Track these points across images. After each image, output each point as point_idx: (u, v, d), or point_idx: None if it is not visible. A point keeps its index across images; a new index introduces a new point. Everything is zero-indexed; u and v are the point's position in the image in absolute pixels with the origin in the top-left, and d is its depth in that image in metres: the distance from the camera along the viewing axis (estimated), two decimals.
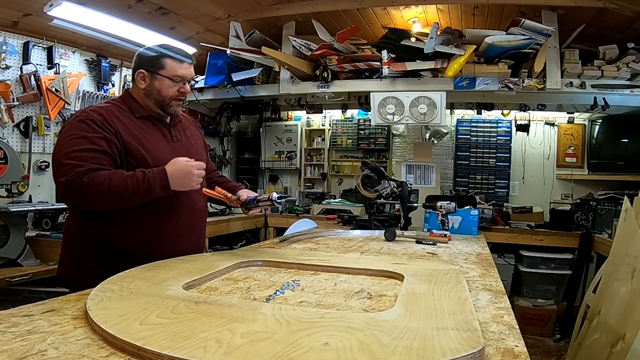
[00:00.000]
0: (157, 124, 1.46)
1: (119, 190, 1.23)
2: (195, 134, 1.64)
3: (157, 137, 1.43)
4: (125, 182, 1.24)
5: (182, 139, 1.52)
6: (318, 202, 4.41)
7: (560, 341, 3.23)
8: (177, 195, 1.37)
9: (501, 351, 0.73)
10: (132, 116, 1.40)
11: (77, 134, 1.27)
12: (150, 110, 1.44)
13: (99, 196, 1.23)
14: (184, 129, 1.56)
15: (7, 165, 2.44)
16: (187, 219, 1.47)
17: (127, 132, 1.35)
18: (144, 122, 1.42)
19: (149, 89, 1.41)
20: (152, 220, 1.37)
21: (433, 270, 1.26)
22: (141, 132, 1.39)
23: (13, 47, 2.81)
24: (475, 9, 3.24)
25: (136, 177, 1.26)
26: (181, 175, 1.31)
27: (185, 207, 1.45)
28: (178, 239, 1.42)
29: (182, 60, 1.43)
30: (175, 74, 1.41)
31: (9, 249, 2.36)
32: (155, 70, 1.40)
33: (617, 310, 1.90)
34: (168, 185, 1.29)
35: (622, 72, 2.96)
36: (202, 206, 1.57)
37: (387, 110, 3.27)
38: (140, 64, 1.42)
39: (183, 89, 1.43)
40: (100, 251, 1.33)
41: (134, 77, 1.44)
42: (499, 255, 3.43)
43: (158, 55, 1.40)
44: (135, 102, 1.44)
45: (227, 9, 3.33)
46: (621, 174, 3.59)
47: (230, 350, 0.64)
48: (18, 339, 0.70)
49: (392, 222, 2.77)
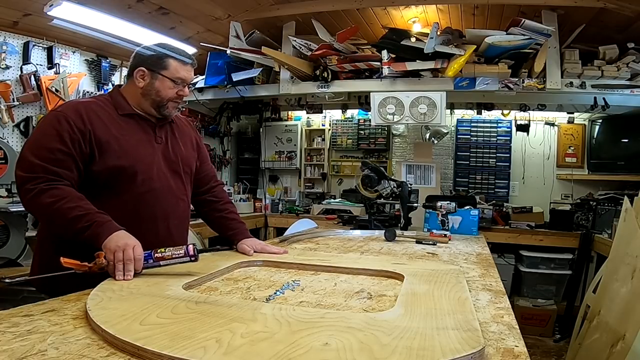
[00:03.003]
0: (142, 123, 1.38)
1: (55, 219, 1.17)
2: (188, 136, 1.54)
3: (139, 136, 1.36)
4: (65, 213, 1.15)
5: (168, 140, 1.44)
6: (318, 202, 4.41)
7: (560, 341, 3.23)
8: (152, 202, 1.33)
9: (501, 351, 0.73)
10: (115, 113, 1.33)
11: (48, 131, 1.22)
12: (143, 110, 1.38)
13: (39, 209, 1.19)
14: (175, 131, 1.48)
15: (7, 165, 2.44)
16: (162, 226, 1.39)
17: (104, 130, 1.27)
18: (126, 121, 1.35)
19: (148, 88, 1.35)
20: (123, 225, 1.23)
21: (433, 270, 1.26)
22: (120, 130, 1.31)
23: (13, 47, 2.81)
24: (475, 9, 3.24)
25: (80, 217, 1.15)
26: (117, 245, 1.11)
27: (160, 215, 1.38)
28: (151, 247, 1.24)
29: (186, 62, 1.38)
30: (178, 75, 1.36)
31: (9, 249, 2.36)
32: (157, 69, 1.35)
33: (617, 310, 1.90)
34: (97, 239, 1.14)
35: (622, 72, 2.96)
36: (180, 214, 1.46)
37: (387, 110, 3.27)
38: (141, 61, 1.36)
39: (182, 91, 1.39)
40: (66, 252, 1.17)
41: (130, 74, 1.38)
42: (499, 255, 3.43)
43: (162, 54, 1.35)
44: (123, 100, 1.37)
45: (227, 9, 3.33)
46: (621, 174, 3.59)
47: (230, 350, 0.64)
48: (18, 339, 0.70)
49: (392, 222, 2.77)
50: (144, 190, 1.33)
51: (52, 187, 1.17)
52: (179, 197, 1.44)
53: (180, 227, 1.46)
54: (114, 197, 1.29)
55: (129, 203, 1.31)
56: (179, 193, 1.45)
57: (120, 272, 1.07)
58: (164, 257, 1.13)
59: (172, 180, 1.42)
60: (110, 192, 1.29)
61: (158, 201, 1.36)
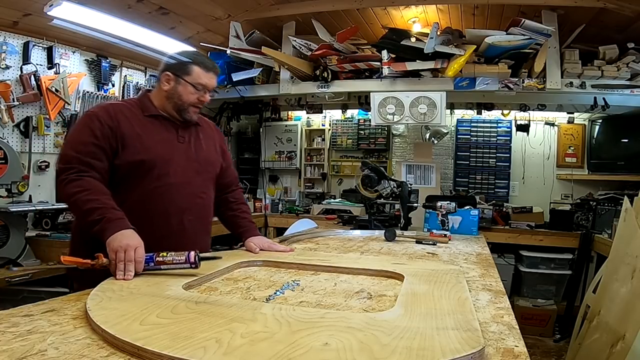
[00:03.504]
0: (165, 123, 1.47)
1: (76, 208, 1.27)
2: (213, 140, 1.62)
3: (161, 135, 1.44)
4: (84, 204, 1.22)
5: (191, 141, 1.52)
6: (318, 202, 4.41)
7: (560, 341, 3.23)
8: (166, 197, 1.39)
9: (501, 351, 0.73)
10: (141, 114, 1.44)
11: (83, 129, 1.36)
12: (166, 112, 1.47)
13: (65, 198, 1.28)
14: (199, 133, 1.56)
15: (7, 165, 2.44)
16: (175, 221, 1.42)
17: (129, 128, 1.38)
18: (151, 121, 1.45)
19: (171, 92, 1.44)
20: (135, 219, 1.27)
21: (433, 270, 1.26)
22: (143, 129, 1.41)
23: (13, 47, 2.81)
24: (475, 9, 3.24)
25: (95, 209, 1.21)
26: (119, 245, 1.14)
27: (174, 210, 1.42)
28: (162, 240, 1.32)
29: (209, 70, 1.46)
30: (199, 81, 1.44)
31: (9, 249, 2.36)
32: (180, 74, 1.43)
33: (617, 310, 1.90)
34: (103, 234, 1.18)
35: (622, 72, 2.96)
36: (197, 211, 1.49)
37: (387, 110, 3.27)
38: (168, 66, 1.46)
39: (203, 97, 1.47)
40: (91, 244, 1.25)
41: (159, 78, 1.48)
42: (499, 255, 3.43)
43: (186, 60, 1.44)
44: (150, 102, 1.47)
45: (227, 9, 3.33)
46: (621, 174, 3.59)
47: (230, 350, 0.64)
48: (18, 339, 0.70)
49: (392, 222, 2.77)
50: (159, 184, 1.40)
51: (80, 177, 1.26)
52: (197, 194, 1.49)
53: (196, 223, 1.50)
54: (130, 190, 1.37)
55: (142, 196, 1.37)
56: (197, 190, 1.50)
57: (121, 272, 1.10)
58: (165, 261, 1.14)
59: (192, 178, 1.48)
60: (127, 185, 1.37)
61: (173, 196, 1.42)
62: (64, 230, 2.75)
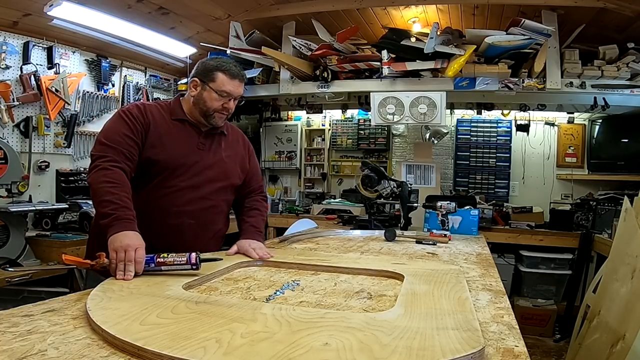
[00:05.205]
0: (189, 129, 1.50)
1: (96, 195, 1.29)
2: (236, 151, 1.63)
3: (184, 139, 1.48)
4: (104, 195, 1.25)
5: (212, 148, 1.53)
6: (318, 202, 4.40)
7: (560, 341, 3.23)
8: (169, 199, 1.42)
9: (501, 351, 0.73)
10: (168, 117, 1.48)
11: (118, 122, 1.41)
12: (193, 117, 1.50)
13: (91, 183, 1.31)
14: (222, 142, 1.57)
15: (7, 165, 2.44)
16: (173, 223, 1.44)
17: (154, 127, 1.43)
18: (176, 125, 1.48)
19: (198, 98, 1.47)
20: (142, 219, 1.29)
21: (433, 270, 1.26)
22: (168, 130, 1.46)
23: (13, 47, 2.81)
24: (475, 9, 3.24)
25: (110, 202, 1.23)
26: (120, 245, 1.15)
27: (173, 212, 1.44)
28: (158, 239, 1.34)
29: (233, 77, 1.47)
30: (223, 88, 1.46)
31: (9, 249, 2.36)
32: (206, 81, 1.46)
33: (617, 310, 1.90)
34: (108, 230, 1.19)
35: (622, 72, 2.96)
36: (200, 216, 1.50)
37: (387, 110, 3.27)
38: (197, 72, 1.49)
39: (227, 104, 1.48)
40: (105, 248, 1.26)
41: (189, 84, 1.52)
42: (499, 255, 3.43)
43: (212, 67, 1.47)
44: (179, 106, 1.52)
45: (227, 9, 3.33)
46: (621, 174, 3.59)
47: (230, 350, 0.64)
48: (18, 339, 0.70)
49: (392, 222, 2.77)
50: (168, 186, 1.43)
51: (112, 168, 1.30)
52: (205, 200, 1.50)
53: (197, 227, 1.50)
54: (139, 187, 1.40)
55: (149, 194, 1.41)
56: (206, 197, 1.50)
57: (121, 272, 1.10)
58: (166, 262, 1.14)
59: (202, 184, 1.49)
60: (140, 182, 1.41)
61: (177, 199, 1.44)
62: (64, 230, 2.76)
